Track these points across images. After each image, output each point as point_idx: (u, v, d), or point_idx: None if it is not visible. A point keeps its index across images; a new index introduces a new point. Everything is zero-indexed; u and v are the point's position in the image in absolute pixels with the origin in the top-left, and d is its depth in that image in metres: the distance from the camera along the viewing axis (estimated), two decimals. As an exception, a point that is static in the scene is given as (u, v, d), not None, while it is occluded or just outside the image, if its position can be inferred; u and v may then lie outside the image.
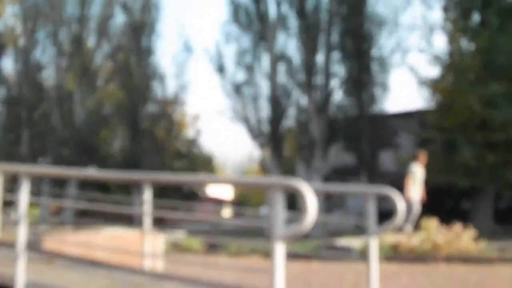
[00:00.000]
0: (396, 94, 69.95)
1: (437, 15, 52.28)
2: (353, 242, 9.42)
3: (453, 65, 16.38)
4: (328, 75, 22.01)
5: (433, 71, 26.24)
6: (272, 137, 22.07)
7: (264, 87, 23.12)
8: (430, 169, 16.99)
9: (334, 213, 29.54)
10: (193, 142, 48.22)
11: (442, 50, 18.00)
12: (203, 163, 47.72)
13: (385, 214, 4.42)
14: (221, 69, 23.81)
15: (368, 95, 21.15)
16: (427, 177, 17.13)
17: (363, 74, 20.92)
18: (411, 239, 9.02)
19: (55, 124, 26.97)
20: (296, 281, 6.00)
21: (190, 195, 43.47)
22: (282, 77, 22.71)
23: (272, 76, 22.42)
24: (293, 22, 22.92)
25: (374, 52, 21.94)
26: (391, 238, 9.34)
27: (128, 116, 26.22)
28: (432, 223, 9.07)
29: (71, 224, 20.54)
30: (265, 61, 23.09)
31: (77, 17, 27.45)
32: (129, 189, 26.86)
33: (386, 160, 21.80)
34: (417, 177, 10.47)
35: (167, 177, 9.66)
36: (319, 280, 6.07)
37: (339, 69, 22.68)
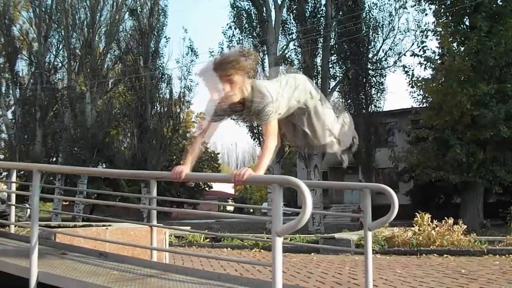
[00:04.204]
0: (391, 93, 69.64)
1: (429, 19, 52.24)
2: (351, 236, 9.41)
3: (444, 66, 16.35)
4: (326, 76, 21.98)
5: (425, 72, 26.18)
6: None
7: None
8: (423, 166, 17.08)
9: (332, 208, 29.55)
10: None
11: (433, 52, 18.03)
12: (208, 160, 47.66)
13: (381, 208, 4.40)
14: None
15: (364, 96, 21.12)
16: (420, 173, 16.97)
17: (359, 76, 20.89)
18: (405, 233, 9.00)
19: (67, 124, 27.00)
20: (297, 271, 6.00)
21: (196, 190, 43.45)
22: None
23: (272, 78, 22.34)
24: (293, 26, 22.94)
25: (370, 54, 21.92)
26: (386, 231, 9.33)
27: (136, 115, 26.21)
28: (425, 217, 9.06)
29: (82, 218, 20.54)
30: (266, 63, 23.08)
31: (88, 22, 27.49)
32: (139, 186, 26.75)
33: (381, 157, 21.79)
34: None
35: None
36: (319, 270, 6.07)
37: (337, 71, 22.70)
